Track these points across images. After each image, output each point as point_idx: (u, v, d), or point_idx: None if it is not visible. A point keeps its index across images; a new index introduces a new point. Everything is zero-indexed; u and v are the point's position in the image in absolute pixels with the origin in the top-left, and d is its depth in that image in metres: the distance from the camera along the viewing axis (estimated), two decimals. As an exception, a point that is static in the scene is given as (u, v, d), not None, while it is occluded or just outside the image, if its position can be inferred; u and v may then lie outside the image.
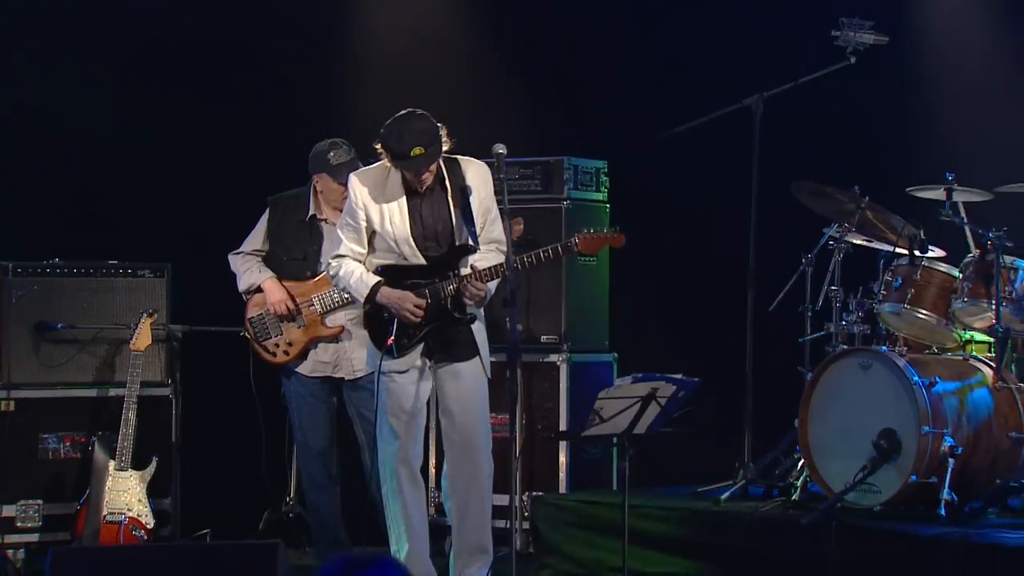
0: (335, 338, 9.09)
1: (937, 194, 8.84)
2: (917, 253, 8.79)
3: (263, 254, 9.26)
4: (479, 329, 8.09)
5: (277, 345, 9.13)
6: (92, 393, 9.63)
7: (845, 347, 8.96)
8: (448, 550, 8.41)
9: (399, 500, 8.14)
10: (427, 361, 8.11)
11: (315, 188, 9.20)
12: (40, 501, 9.42)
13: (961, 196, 8.84)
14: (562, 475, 9.75)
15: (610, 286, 10.23)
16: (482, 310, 8.11)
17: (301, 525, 9.84)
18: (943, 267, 8.88)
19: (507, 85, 11.01)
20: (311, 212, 9.17)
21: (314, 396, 9.20)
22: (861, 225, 9.23)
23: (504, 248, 7.93)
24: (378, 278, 7.99)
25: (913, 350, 8.83)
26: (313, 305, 9.06)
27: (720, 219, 9.86)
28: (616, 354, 10.31)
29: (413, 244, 8.03)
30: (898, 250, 9.06)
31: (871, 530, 8.18)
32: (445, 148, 7.85)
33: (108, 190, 10.76)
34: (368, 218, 8.03)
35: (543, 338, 9.95)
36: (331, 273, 8.24)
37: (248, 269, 9.23)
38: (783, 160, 9.67)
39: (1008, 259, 8.49)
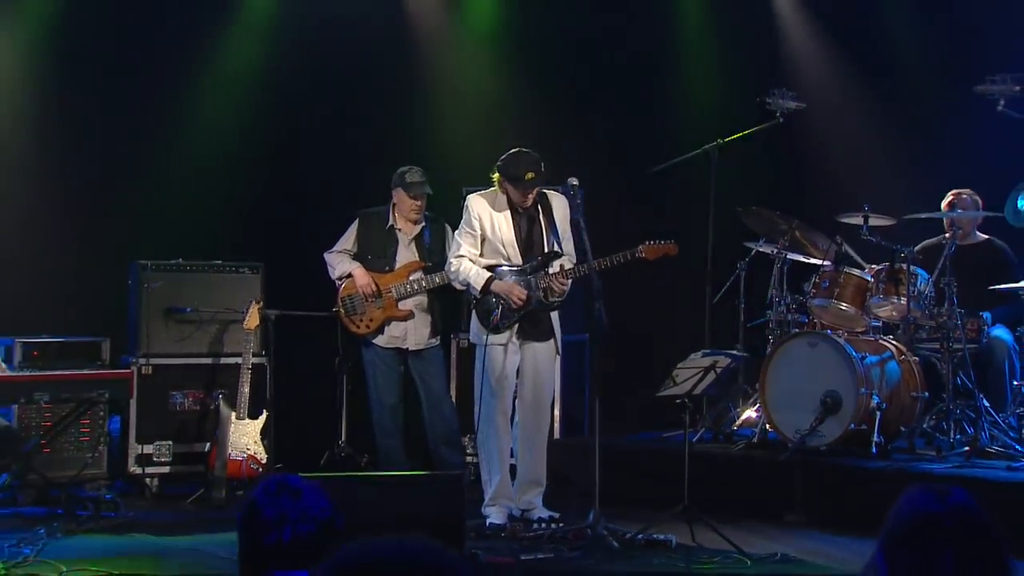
0: (404, 318, 9.57)
1: (856, 219, 9.45)
2: (840, 263, 9.52)
3: (351, 253, 9.68)
4: (555, 317, 8.55)
5: (361, 319, 9.56)
6: (208, 361, 9.98)
7: (797, 330, 9.54)
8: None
9: (495, 442, 8.48)
10: (517, 339, 8.53)
11: (393, 204, 9.64)
12: (170, 442, 9.80)
13: (874, 221, 9.41)
14: (556, 424, 9.94)
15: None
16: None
17: (350, 462, 10.15)
18: (857, 272, 9.48)
19: (515, 125, 11.27)
20: (390, 223, 9.67)
21: (386, 363, 9.64)
22: (791, 242, 9.80)
23: (574, 259, 8.50)
24: (490, 273, 8.43)
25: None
26: (391, 292, 9.50)
27: (684, 234, 9.79)
28: (588, 334, 10.42)
29: (516, 249, 8.51)
30: (822, 261, 9.63)
31: (827, 464, 8.82)
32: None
33: (219, 204, 11.02)
34: (482, 227, 8.49)
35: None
36: (452, 268, 8.59)
37: (341, 261, 9.66)
38: (732, 191, 10.18)
39: (911, 267, 9.18)
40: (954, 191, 10.00)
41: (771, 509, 8.69)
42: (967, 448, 8.86)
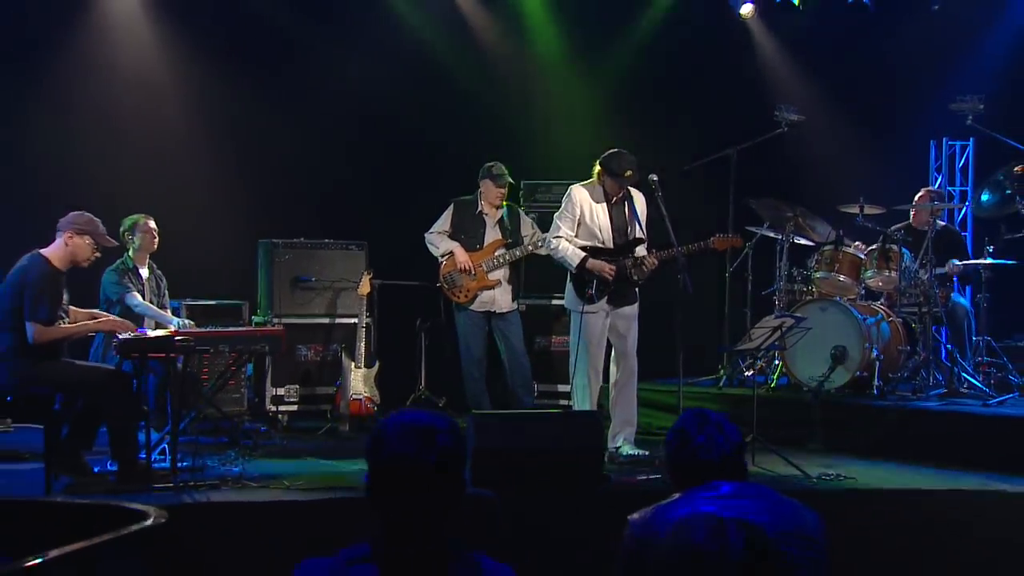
0: (492, 286, 10.32)
1: (854, 209, 10.35)
2: (839, 244, 10.41)
3: (447, 233, 10.39)
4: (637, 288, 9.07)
5: (460, 291, 10.29)
6: (325, 320, 10.72)
7: (810, 297, 10.34)
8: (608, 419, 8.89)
9: (589, 391, 8.86)
10: (608, 306, 8.95)
11: (481, 192, 10.34)
12: (297, 386, 10.56)
13: (868, 210, 10.30)
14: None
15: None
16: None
17: (429, 403, 10.78)
18: (851, 250, 10.34)
19: (575, 129, 11.97)
20: (479, 209, 10.39)
21: (476, 324, 10.36)
22: (795, 226, 10.58)
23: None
24: (584, 253, 8.81)
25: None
26: (482, 266, 10.25)
27: (707, 220, 10.68)
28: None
29: (610, 234, 8.92)
30: (821, 242, 10.56)
31: (838, 404, 9.64)
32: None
33: (331, 193, 11.68)
34: (582, 213, 8.86)
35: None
36: (552, 246, 8.93)
37: (443, 241, 10.35)
38: (747, 186, 10.92)
39: (900, 248, 10.14)
40: (925, 189, 11.07)
41: (795, 439, 9.23)
42: (944, 390, 9.88)
